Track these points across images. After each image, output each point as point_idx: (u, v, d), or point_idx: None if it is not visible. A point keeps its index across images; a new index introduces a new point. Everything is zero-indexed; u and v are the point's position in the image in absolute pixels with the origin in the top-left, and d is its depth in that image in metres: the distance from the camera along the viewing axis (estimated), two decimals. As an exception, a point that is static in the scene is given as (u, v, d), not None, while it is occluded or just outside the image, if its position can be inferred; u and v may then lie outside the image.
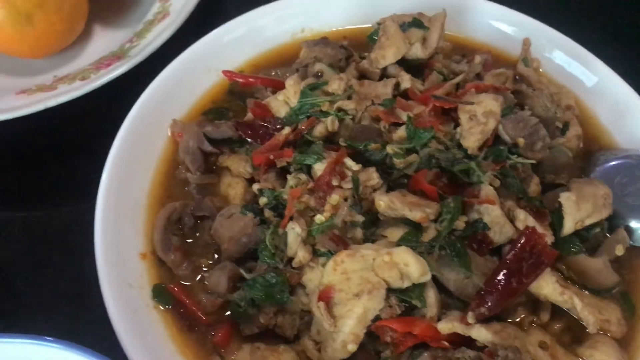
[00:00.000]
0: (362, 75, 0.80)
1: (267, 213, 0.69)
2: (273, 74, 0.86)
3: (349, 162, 0.67)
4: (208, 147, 0.76)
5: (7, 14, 0.81)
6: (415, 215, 0.62)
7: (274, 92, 0.82)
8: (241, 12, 0.92)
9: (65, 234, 0.80)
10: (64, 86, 0.81)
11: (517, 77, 0.83)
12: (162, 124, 0.80)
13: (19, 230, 0.82)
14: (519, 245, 0.64)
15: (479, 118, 0.69)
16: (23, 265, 0.79)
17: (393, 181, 0.69)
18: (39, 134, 0.85)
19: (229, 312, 0.67)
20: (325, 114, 0.71)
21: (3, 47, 0.85)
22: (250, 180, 0.76)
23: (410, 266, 0.59)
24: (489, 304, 0.62)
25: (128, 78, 0.86)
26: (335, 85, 0.71)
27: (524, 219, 0.66)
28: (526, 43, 0.88)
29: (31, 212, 0.84)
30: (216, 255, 0.71)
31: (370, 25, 0.89)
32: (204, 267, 0.71)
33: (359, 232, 0.64)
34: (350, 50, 0.82)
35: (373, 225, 0.66)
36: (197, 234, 0.73)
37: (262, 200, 0.68)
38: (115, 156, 0.75)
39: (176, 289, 0.69)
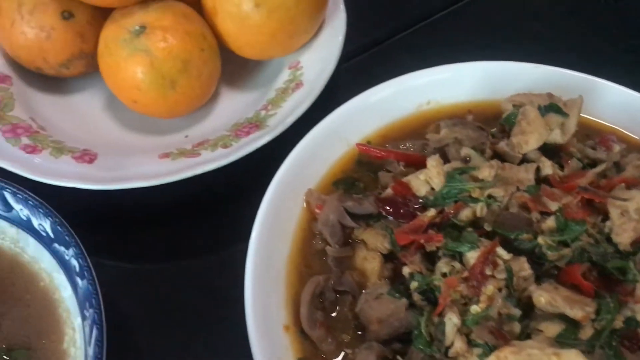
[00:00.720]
0: (496, 155, 0.82)
1: (416, 297, 0.70)
2: (402, 147, 0.88)
3: (500, 251, 0.68)
4: (350, 223, 0.77)
5: (153, 79, 0.85)
6: (577, 314, 0.63)
7: (405, 167, 0.85)
8: (358, 83, 0.95)
9: (200, 298, 0.82)
10: (207, 153, 0.84)
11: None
12: (298, 193, 0.83)
13: (154, 286, 0.84)
14: (675, 347, 0.65)
15: (631, 215, 0.69)
16: (156, 326, 0.81)
17: (542, 272, 0.70)
18: (175, 195, 0.87)
19: (377, 394, 0.68)
20: (475, 200, 0.72)
21: (144, 109, 0.89)
22: (387, 256, 0.78)
23: (579, 369, 0.59)
24: (648, 406, 0.62)
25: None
26: (486, 172, 0.73)
27: (676, 318, 0.67)
28: (653, 126, 0.89)
29: (163, 269, 0.86)
30: (359, 332, 0.73)
31: (495, 99, 0.92)
32: (346, 343, 0.73)
33: (516, 326, 0.65)
34: (487, 131, 0.83)
35: (526, 317, 0.67)
36: (337, 308, 0.75)
37: (414, 285, 0.69)
38: (260, 226, 0.77)
39: (322, 365, 0.70)
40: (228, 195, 0.90)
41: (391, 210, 0.77)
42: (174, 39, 0.85)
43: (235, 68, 0.99)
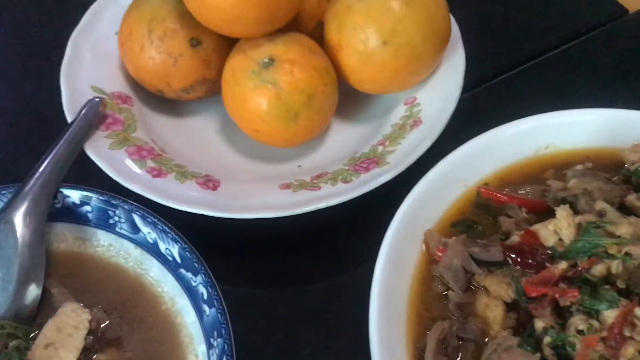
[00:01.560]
0: (622, 208, 0.80)
1: (547, 352, 0.69)
2: (520, 191, 0.87)
3: (638, 311, 0.67)
4: (475, 269, 0.77)
5: (278, 111, 0.86)
6: None
7: (527, 213, 0.84)
8: (466, 120, 0.94)
9: (316, 331, 0.83)
10: (328, 186, 0.84)
11: None
12: (417, 234, 0.82)
13: (269, 316, 0.85)
14: None
15: None
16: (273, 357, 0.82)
17: (681, 336, 0.68)
18: (290, 224, 0.87)
19: None
20: (611, 256, 0.71)
21: (264, 138, 0.90)
22: (509, 304, 0.77)
23: None
24: None
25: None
26: (624, 229, 0.71)
27: None
28: None
29: (278, 299, 0.87)
30: (483, 382, 0.72)
31: (614, 147, 0.90)
32: (469, 392, 0.72)
33: (658, 392, 0.63)
34: (616, 183, 0.82)
35: (665, 383, 0.65)
36: (460, 354, 0.75)
37: (547, 340, 0.68)
38: (382, 268, 0.76)
39: (446, 413, 0.70)
40: (341, 228, 0.91)
41: (518, 259, 0.76)
42: (300, 73, 0.86)
43: (345, 100, 0.99)
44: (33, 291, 0.77)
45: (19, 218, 0.78)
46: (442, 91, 0.93)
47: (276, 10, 0.84)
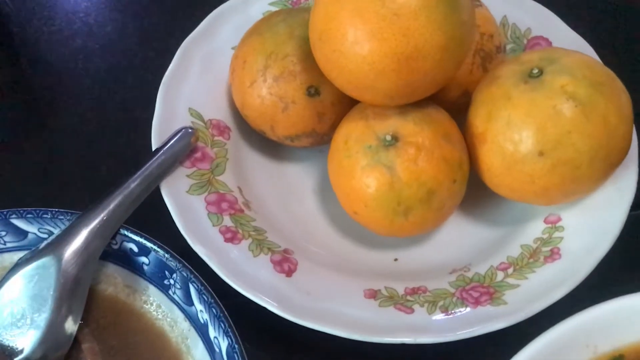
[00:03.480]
0: None
1: None
2: (666, 380, 0.67)
3: None
4: None
5: (386, 201, 0.70)
6: None
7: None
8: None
9: None
10: (422, 312, 0.68)
11: None
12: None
13: None
14: None
15: None
16: None
17: None
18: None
19: None
20: None
21: (362, 222, 0.74)
22: None
23: None
24: None
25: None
26: None
27: None
28: None
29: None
30: None
31: None
32: None
33: None
34: None
35: None
36: None
37: None
38: None
39: None
40: (424, 355, 0.74)
41: None
42: (426, 163, 0.70)
43: (469, 191, 0.78)
44: (62, 344, 0.68)
45: (67, 256, 0.68)
46: (596, 221, 0.73)
47: (416, 85, 0.68)
